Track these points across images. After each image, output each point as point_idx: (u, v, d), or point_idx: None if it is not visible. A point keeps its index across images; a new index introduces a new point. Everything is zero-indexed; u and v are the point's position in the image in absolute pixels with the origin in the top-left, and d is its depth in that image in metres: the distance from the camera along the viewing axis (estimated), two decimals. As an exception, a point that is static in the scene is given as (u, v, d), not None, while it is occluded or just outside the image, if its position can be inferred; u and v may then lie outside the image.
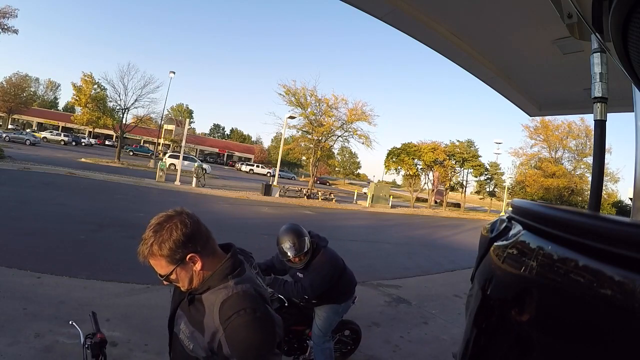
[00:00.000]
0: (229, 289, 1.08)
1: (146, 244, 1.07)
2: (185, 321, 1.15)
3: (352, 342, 3.40)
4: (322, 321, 2.76)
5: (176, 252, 1.07)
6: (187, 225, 1.08)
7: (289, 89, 29.22)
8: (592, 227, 0.35)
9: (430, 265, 8.81)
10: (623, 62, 0.62)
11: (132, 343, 3.10)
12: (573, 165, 34.54)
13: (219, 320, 1.03)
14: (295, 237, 2.47)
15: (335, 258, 2.69)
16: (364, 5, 1.83)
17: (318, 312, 2.79)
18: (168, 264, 1.09)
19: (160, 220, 1.10)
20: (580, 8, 1.20)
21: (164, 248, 1.06)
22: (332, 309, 2.78)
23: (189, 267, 1.11)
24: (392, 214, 22.81)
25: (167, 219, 1.10)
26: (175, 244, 1.06)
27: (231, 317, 1.01)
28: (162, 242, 1.06)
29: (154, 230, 1.08)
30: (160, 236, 1.06)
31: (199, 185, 18.64)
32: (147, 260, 1.09)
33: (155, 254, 1.07)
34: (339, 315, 2.86)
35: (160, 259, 1.08)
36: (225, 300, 1.05)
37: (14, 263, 4.49)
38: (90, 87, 27.00)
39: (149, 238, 1.08)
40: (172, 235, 1.06)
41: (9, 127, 42.57)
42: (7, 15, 22.16)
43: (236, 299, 1.05)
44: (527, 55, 2.00)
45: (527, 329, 0.40)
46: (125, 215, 8.97)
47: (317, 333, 2.77)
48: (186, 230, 1.08)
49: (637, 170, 1.23)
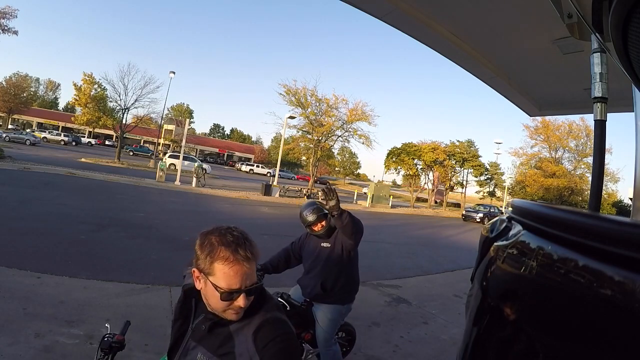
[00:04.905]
0: (261, 315, 1.05)
1: (250, 240, 1.02)
2: (203, 352, 1.08)
3: (347, 344, 3.38)
4: (327, 324, 2.73)
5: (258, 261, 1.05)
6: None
7: (289, 89, 29.22)
8: (592, 227, 0.35)
9: (430, 265, 8.81)
10: (623, 62, 0.62)
11: (132, 343, 3.09)
12: (573, 165, 34.53)
13: (254, 348, 1.00)
14: (314, 205, 2.72)
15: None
16: (364, 6, 1.83)
17: (321, 315, 2.75)
18: (256, 270, 1.04)
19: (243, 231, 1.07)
20: (580, 8, 1.20)
21: (257, 247, 1.04)
22: (337, 311, 2.76)
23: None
24: (392, 214, 22.80)
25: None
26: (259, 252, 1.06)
27: (268, 345, 1.00)
28: (254, 243, 1.04)
29: (245, 234, 1.04)
30: (252, 240, 1.05)
31: (199, 185, 18.64)
32: (253, 260, 1.01)
33: (258, 253, 1.03)
34: (342, 316, 2.85)
35: (255, 262, 1.02)
36: (260, 327, 1.03)
37: (14, 263, 4.49)
38: (90, 87, 27.01)
39: (248, 236, 1.03)
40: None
41: (9, 127, 42.58)
42: (7, 16, 22.16)
43: (272, 326, 1.04)
44: (527, 55, 2.00)
45: (527, 329, 0.40)
46: (125, 215, 8.96)
47: (324, 336, 2.73)
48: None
49: (637, 170, 1.23)
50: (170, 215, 9.84)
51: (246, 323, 1.04)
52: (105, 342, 1.41)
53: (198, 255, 1.02)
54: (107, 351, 1.40)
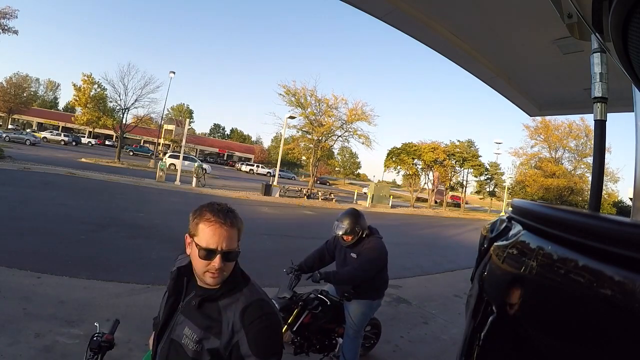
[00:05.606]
0: (248, 295, 1.15)
1: (234, 213, 1.15)
2: (190, 326, 1.16)
3: (375, 337, 3.59)
4: (358, 317, 2.89)
5: (240, 234, 1.15)
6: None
7: (288, 89, 29.23)
8: (592, 227, 0.35)
9: (430, 265, 8.80)
10: (623, 62, 0.62)
11: (132, 343, 3.10)
12: (573, 165, 34.51)
13: (240, 324, 1.09)
14: (347, 219, 2.83)
15: (384, 248, 2.92)
16: (364, 6, 1.83)
17: (354, 308, 2.90)
18: (237, 239, 1.14)
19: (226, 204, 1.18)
20: (580, 8, 1.20)
21: (243, 224, 1.16)
22: (368, 305, 2.93)
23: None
24: (392, 214, 22.80)
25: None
26: (242, 226, 1.17)
27: (255, 322, 1.09)
28: (241, 219, 1.16)
29: (233, 209, 1.16)
30: (239, 216, 1.17)
31: (199, 185, 18.64)
32: (232, 226, 1.12)
33: (239, 223, 1.14)
34: (373, 311, 3.03)
35: (236, 230, 1.13)
36: (248, 306, 1.12)
37: (14, 263, 4.49)
38: (90, 87, 27.01)
39: (234, 210, 1.16)
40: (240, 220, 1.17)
41: (9, 127, 42.56)
42: (7, 16, 22.16)
43: (258, 305, 1.13)
44: (527, 55, 2.00)
45: (527, 328, 0.40)
46: (125, 215, 8.96)
47: (353, 328, 2.90)
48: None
49: (637, 170, 1.23)
50: (170, 215, 9.83)
51: (234, 300, 1.13)
52: (94, 341, 1.40)
53: (190, 221, 1.15)
54: (97, 351, 1.39)
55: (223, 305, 1.13)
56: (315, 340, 3.02)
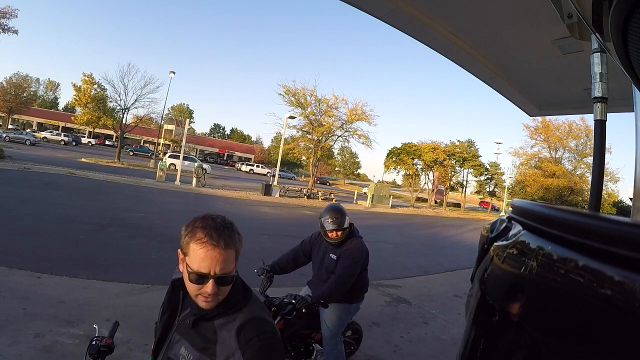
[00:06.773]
0: (246, 313, 1.06)
1: (231, 230, 1.02)
2: (186, 346, 1.09)
3: (355, 342, 3.39)
4: (334, 322, 2.71)
5: (237, 254, 1.03)
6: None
7: (288, 89, 29.24)
8: (592, 227, 0.35)
9: (430, 265, 8.81)
10: (623, 62, 0.62)
11: (132, 343, 3.10)
12: (573, 165, 34.53)
13: (236, 344, 1.01)
14: (337, 214, 2.68)
15: (366, 248, 2.78)
16: (364, 5, 1.83)
17: (329, 312, 2.71)
18: (233, 261, 1.02)
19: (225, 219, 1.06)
20: (580, 8, 1.20)
21: (241, 241, 1.04)
22: (345, 309, 2.74)
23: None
24: (392, 214, 22.80)
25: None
26: (241, 244, 1.05)
27: (251, 341, 1.00)
28: (240, 236, 1.04)
29: (230, 223, 1.04)
30: (237, 232, 1.04)
31: (199, 185, 18.63)
32: (227, 247, 0.99)
33: (236, 243, 1.02)
34: (350, 315, 2.83)
35: (232, 251, 1.01)
36: (244, 325, 1.03)
37: (14, 263, 4.49)
38: (90, 87, 27.02)
39: (231, 226, 1.03)
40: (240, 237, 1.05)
41: (9, 127, 42.56)
42: (7, 16, 22.14)
43: (256, 324, 1.05)
44: (527, 55, 2.00)
45: (527, 329, 0.40)
46: (125, 215, 8.96)
47: (328, 334, 2.72)
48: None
49: (637, 170, 1.23)
50: (170, 215, 9.83)
51: (230, 320, 1.04)
52: (94, 346, 1.34)
53: (182, 236, 1.03)
54: (96, 356, 1.32)
55: (219, 324, 1.05)
56: (290, 347, 2.81)
